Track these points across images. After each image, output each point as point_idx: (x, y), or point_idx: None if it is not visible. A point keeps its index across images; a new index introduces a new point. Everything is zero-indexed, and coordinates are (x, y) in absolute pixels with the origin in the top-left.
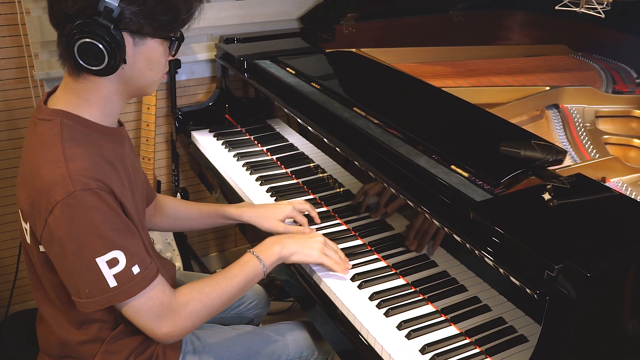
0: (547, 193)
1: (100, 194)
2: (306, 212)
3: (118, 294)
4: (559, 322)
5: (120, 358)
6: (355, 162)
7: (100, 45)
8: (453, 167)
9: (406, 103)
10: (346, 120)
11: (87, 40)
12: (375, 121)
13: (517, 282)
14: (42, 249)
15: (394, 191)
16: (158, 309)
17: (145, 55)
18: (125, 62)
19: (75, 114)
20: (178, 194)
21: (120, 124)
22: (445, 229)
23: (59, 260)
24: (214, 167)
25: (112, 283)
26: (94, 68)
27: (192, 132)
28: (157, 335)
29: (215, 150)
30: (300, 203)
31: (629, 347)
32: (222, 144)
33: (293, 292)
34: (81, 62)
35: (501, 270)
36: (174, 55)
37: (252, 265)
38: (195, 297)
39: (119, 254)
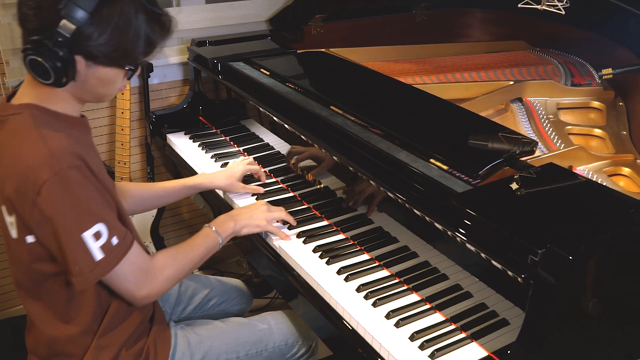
0: (522, 182)
1: (83, 170)
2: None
3: (105, 265)
4: (543, 304)
5: (112, 352)
6: (337, 159)
7: (48, 65)
8: (432, 160)
9: (380, 100)
10: (325, 119)
11: (36, 58)
12: (353, 118)
13: (501, 267)
14: (30, 239)
15: (374, 185)
16: (138, 272)
17: (98, 77)
18: (75, 80)
19: (43, 106)
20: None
21: (82, 116)
22: (429, 220)
23: (51, 240)
24: (192, 168)
25: (98, 256)
26: (43, 82)
27: (167, 134)
28: (136, 298)
29: (192, 152)
30: (251, 161)
31: (609, 327)
32: (199, 145)
33: (277, 285)
34: (33, 74)
35: (483, 255)
36: (128, 79)
37: (211, 238)
38: (169, 262)
39: (101, 227)
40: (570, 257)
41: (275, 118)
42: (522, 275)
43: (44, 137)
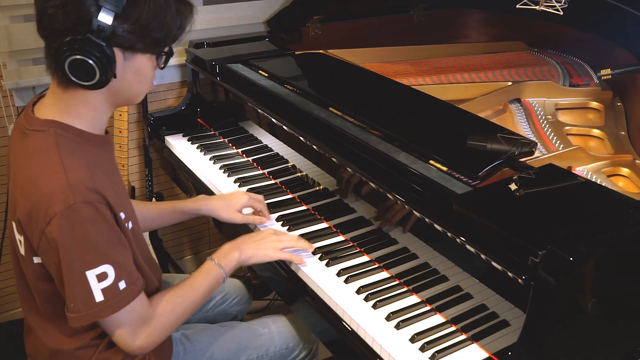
0: (521, 183)
1: (98, 207)
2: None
3: (103, 309)
4: (544, 305)
5: None
6: (335, 161)
7: (92, 63)
8: (431, 162)
9: (379, 102)
10: (324, 121)
11: (80, 57)
12: (352, 120)
13: (502, 269)
14: (37, 260)
15: (374, 186)
16: (135, 321)
17: (135, 69)
18: (115, 77)
19: (68, 124)
20: (153, 199)
21: (106, 131)
22: (429, 221)
23: (54, 270)
24: (191, 170)
25: (99, 297)
26: (85, 83)
27: (165, 136)
28: (130, 348)
29: (190, 154)
30: (255, 197)
31: (609, 327)
32: (197, 147)
33: (276, 288)
34: (72, 77)
35: (483, 257)
36: (162, 68)
37: (214, 273)
38: (168, 309)
39: (108, 268)
40: (571, 258)
41: (274, 120)
42: (523, 277)
43: (65, 165)
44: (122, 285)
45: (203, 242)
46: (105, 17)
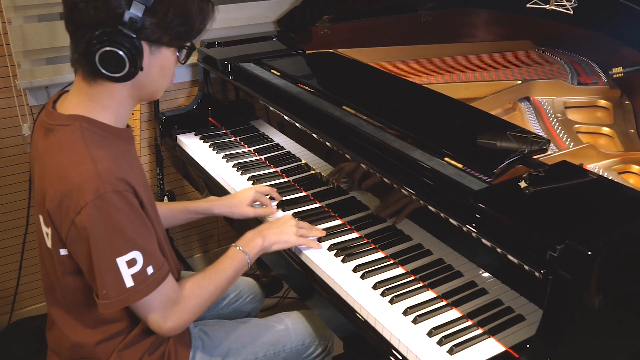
0: (536, 180)
1: (126, 196)
2: (268, 195)
3: (134, 294)
4: (562, 299)
5: (135, 357)
6: (350, 158)
7: (123, 54)
8: (446, 159)
9: (391, 100)
10: (338, 118)
11: (111, 48)
12: (365, 118)
13: (520, 264)
14: (64, 252)
15: (389, 183)
16: (166, 304)
17: (159, 63)
18: (142, 70)
19: (93, 118)
20: (165, 197)
21: (127, 125)
22: (446, 217)
23: (83, 260)
24: (204, 169)
25: (129, 283)
26: (114, 75)
27: (177, 135)
28: (163, 329)
29: (203, 153)
30: (262, 187)
31: (627, 321)
32: (210, 146)
33: (292, 284)
34: (102, 69)
35: (499, 250)
36: (184, 63)
37: (239, 259)
38: (196, 291)
39: (137, 255)
40: (589, 253)
41: (287, 118)
42: (542, 271)
43: (92, 156)
44: (150, 270)
45: (212, 240)
46: (136, 11)
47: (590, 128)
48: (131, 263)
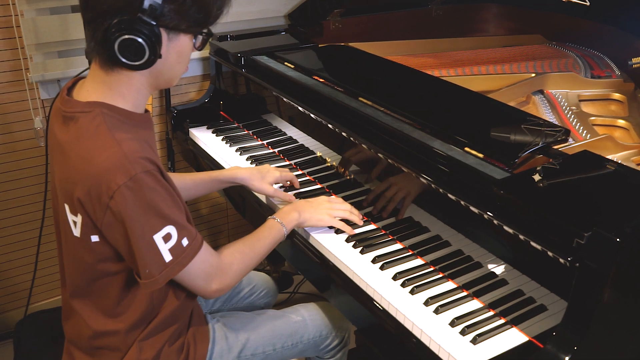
0: (558, 169)
1: (155, 175)
2: (288, 182)
3: (174, 267)
4: (589, 286)
5: (155, 348)
6: (367, 148)
7: (143, 42)
8: (467, 149)
9: (408, 91)
10: (355, 110)
11: (130, 36)
12: (382, 109)
13: (548, 252)
14: (95, 238)
15: (407, 172)
16: (209, 270)
17: (177, 50)
18: (160, 57)
19: (112, 104)
20: None
21: (145, 110)
22: (469, 206)
23: (121, 243)
24: (217, 162)
25: (168, 257)
26: (133, 63)
27: (190, 129)
28: (207, 293)
29: (216, 146)
30: (286, 171)
31: None
32: (222, 139)
33: (310, 276)
34: (121, 57)
35: (522, 238)
36: (200, 49)
37: (277, 229)
38: (237, 257)
39: (171, 229)
40: (618, 239)
41: (303, 110)
42: (569, 259)
43: (118, 140)
44: (185, 242)
45: (222, 235)
46: None
47: (605, 120)
48: (167, 238)
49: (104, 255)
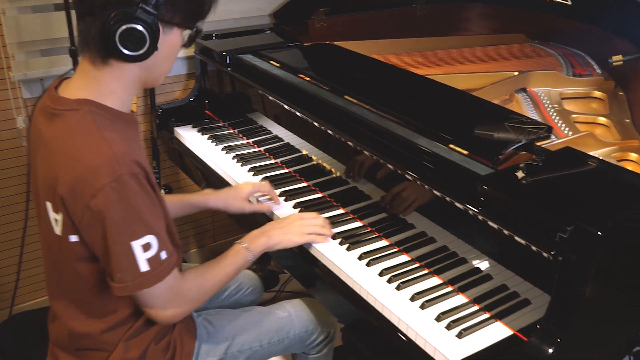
0: (541, 165)
1: (141, 180)
2: (266, 193)
3: (149, 278)
4: (572, 279)
5: (141, 347)
6: (353, 145)
7: (145, 31)
8: (451, 146)
9: (393, 89)
10: (341, 108)
11: (133, 25)
12: (368, 107)
13: (530, 246)
14: (74, 238)
15: (392, 168)
16: (169, 293)
17: (170, 44)
18: (157, 49)
19: (101, 102)
20: (162, 191)
21: (132, 111)
22: (453, 203)
23: (97, 244)
24: (203, 161)
25: (144, 267)
26: (133, 53)
27: (175, 128)
28: (160, 318)
29: (202, 145)
30: (259, 183)
31: (636, 302)
32: (208, 138)
33: (296, 273)
34: (121, 47)
35: (506, 233)
36: (187, 46)
37: (242, 256)
38: (198, 283)
39: (152, 239)
40: (599, 233)
41: (289, 108)
42: (552, 253)
43: (108, 140)
44: (163, 255)
45: (207, 235)
46: None
47: (587, 118)
48: (146, 247)
49: (81, 255)
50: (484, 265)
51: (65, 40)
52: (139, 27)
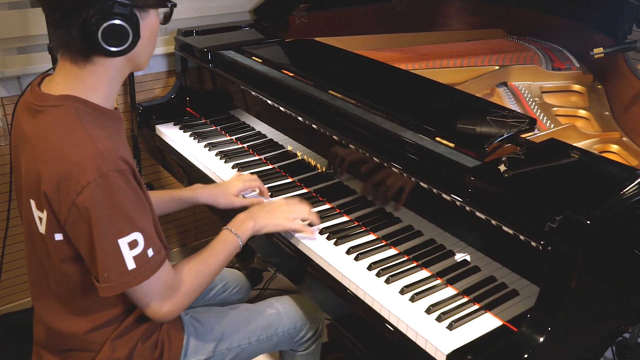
0: (526, 157)
1: (127, 176)
2: (256, 190)
3: (136, 276)
4: (561, 269)
5: (129, 346)
6: (338, 140)
7: (126, 25)
8: (438, 139)
9: (377, 84)
10: (325, 102)
11: (113, 22)
12: (353, 102)
13: (520, 236)
14: (59, 237)
15: (378, 162)
16: (163, 289)
17: (149, 27)
18: (140, 38)
19: (85, 98)
20: None
21: (115, 108)
22: (442, 195)
23: (83, 242)
24: (186, 158)
25: (131, 265)
26: (118, 49)
27: (156, 126)
28: (159, 314)
29: (184, 142)
30: (249, 178)
31: (623, 291)
32: (190, 135)
33: (284, 269)
34: (105, 45)
35: (494, 223)
36: (165, 24)
37: (231, 242)
38: (192, 275)
39: (138, 236)
40: (588, 222)
41: (272, 103)
42: (541, 242)
43: (91, 136)
44: (150, 252)
45: (190, 234)
46: None
47: (568, 111)
48: (133, 245)
49: (66, 254)
50: (471, 257)
51: (43, 38)
52: (120, 22)
